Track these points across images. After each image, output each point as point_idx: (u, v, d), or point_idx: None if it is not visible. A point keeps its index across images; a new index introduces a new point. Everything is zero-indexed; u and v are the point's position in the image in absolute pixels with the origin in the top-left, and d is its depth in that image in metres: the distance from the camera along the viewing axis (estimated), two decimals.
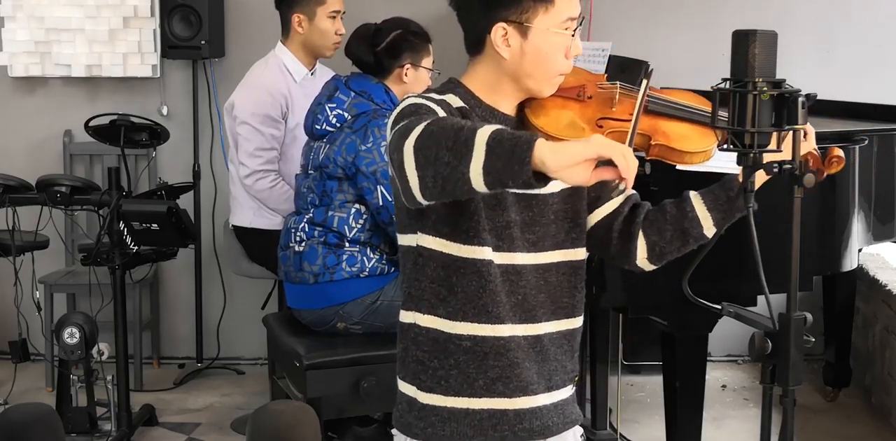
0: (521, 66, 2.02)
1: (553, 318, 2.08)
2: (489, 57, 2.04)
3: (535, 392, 2.06)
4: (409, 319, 2.07)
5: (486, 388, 2.03)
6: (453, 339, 2.02)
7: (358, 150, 3.29)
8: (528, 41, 2.00)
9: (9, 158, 4.98)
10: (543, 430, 2.08)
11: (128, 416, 3.99)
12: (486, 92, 2.06)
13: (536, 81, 2.04)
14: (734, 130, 1.99)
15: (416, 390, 2.06)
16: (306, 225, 3.39)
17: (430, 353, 2.03)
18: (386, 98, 3.42)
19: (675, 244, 2.15)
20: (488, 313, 2.01)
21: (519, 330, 2.04)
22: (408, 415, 2.08)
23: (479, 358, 2.02)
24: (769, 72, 1.97)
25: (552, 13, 2.00)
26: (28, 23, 4.91)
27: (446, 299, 2.01)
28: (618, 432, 3.87)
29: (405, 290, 2.08)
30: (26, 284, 4.22)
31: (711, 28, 4.79)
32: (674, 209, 2.15)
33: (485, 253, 1.99)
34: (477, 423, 2.04)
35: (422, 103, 1.94)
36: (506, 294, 2.02)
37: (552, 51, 2.01)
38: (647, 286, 3.01)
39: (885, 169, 3.59)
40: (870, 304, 4.53)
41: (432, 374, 2.04)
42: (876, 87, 4.78)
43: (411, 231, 2.03)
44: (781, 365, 1.99)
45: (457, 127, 1.71)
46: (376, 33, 3.49)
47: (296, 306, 3.50)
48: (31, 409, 2.94)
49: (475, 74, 2.07)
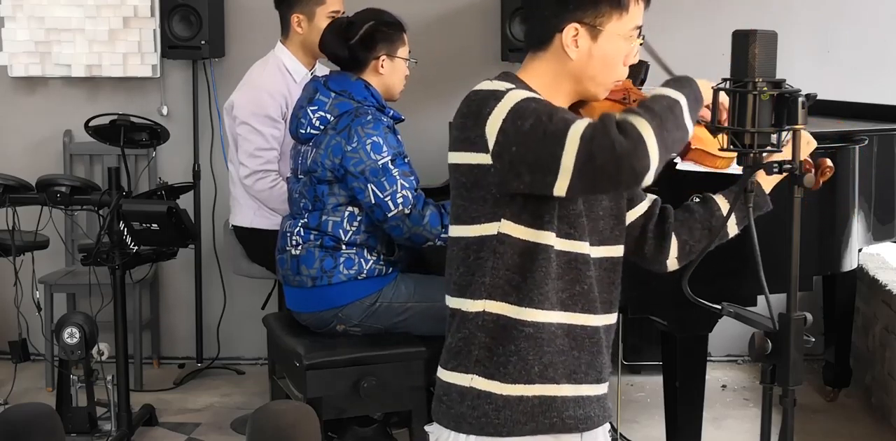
0: (585, 69, 2.07)
1: (604, 311, 2.13)
2: (554, 55, 2.08)
3: (583, 382, 2.09)
4: (476, 308, 2.07)
5: (539, 374, 2.05)
6: (518, 324, 2.04)
7: (344, 151, 3.27)
8: (597, 44, 2.06)
9: (9, 158, 4.98)
10: (587, 419, 2.11)
11: (128, 416, 3.99)
12: (543, 89, 2.09)
13: (597, 84, 2.10)
14: (734, 130, 1.99)
15: (473, 378, 2.07)
16: (301, 229, 3.38)
17: (496, 339, 2.06)
18: (367, 94, 3.38)
19: (702, 243, 2.25)
20: (549, 300, 2.04)
21: (578, 319, 2.08)
22: (459, 405, 2.08)
23: (537, 344, 2.05)
24: (769, 72, 1.97)
25: (624, 20, 2.06)
26: (28, 23, 4.91)
27: (519, 286, 2.04)
28: (618, 432, 3.87)
29: (473, 281, 2.07)
30: (26, 284, 4.22)
31: (711, 28, 4.79)
32: (700, 209, 2.26)
33: (550, 238, 2.03)
34: (529, 410, 2.06)
35: (534, 95, 2.01)
36: (570, 282, 2.06)
37: (617, 56, 2.08)
38: (647, 286, 3.01)
39: (885, 169, 3.59)
40: (870, 304, 4.53)
41: (496, 361, 2.06)
42: (876, 87, 4.78)
43: (493, 219, 2.04)
44: (781, 365, 1.99)
45: (663, 108, 1.93)
46: (349, 27, 3.44)
47: (295, 309, 3.50)
48: (31, 409, 2.94)
49: (534, 70, 2.11)
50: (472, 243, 2.07)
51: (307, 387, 3.30)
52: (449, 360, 2.12)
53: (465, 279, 2.09)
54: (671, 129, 1.90)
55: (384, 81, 3.46)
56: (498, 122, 1.96)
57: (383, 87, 3.46)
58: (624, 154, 1.85)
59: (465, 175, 2.05)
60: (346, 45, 3.42)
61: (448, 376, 2.12)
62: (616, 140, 1.85)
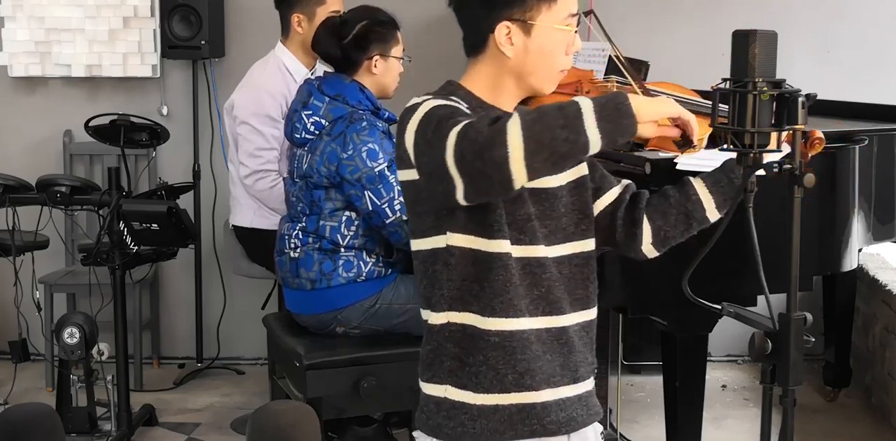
0: (524, 64, 2.05)
1: (572, 309, 2.10)
2: (491, 56, 2.06)
3: (560, 384, 2.08)
4: (440, 320, 2.06)
5: (514, 382, 2.04)
6: (484, 334, 2.03)
7: (339, 158, 3.26)
8: (531, 39, 2.03)
9: (9, 158, 4.98)
10: (570, 421, 2.09)
11: (128, 416, 3.99)
12: (487, 92, 2.08)
13: (539, 79, 2.07)
14: (734, 130, 1.99)
15: (447, 389, 2.06)
16: (300, 232, 3.38)
17: (465, 349, 2.04)
18: (361, 97, 3.36)
19: (679, 228, 2.20)
20: (514, 307, 2.02)
21: (544, 322, 2.06)
22: (436, 416, 2.08)
23: (507, 353, 2.03)
24: (769, 72, 1.97)
25: (554, 10, 2.03)
26: (28, 23, 4.91)
27: (478, 295, 2.02)
28: (618, 432, 3.87)
29: (433, 293, 2.06)
30: (26, 284, 4.22)
31: (711, 28, 4.79)
32: (676, 193, 2.20)
33: (505, 246, 2.01)
34: (507, 419, 2.04)
35: (444, 103, 1.96)
36: (528, 287, 2.04)
37: (555, 48, 2.05)
38: (647, 286, 3.00)
39: (885, 169, 3.58)
40: (870, 304, 4.53)
41: (467, 371, 2.04)
42: (876, 87, 4.78)
43: (438, 232, 2.03)
44: (781, 365, 1.99)
45: (553, 108, 1.81)
46: (342, 26, 3.41)
47: (295, 311, 3.50)
48: (31, 409, 2.94)
49: (476, 75, 2.09)
50: (427, 257, 2.06)
51: (307, 387, 3.30)
52: (424, 371, 2.11)
53: (428, 291, 2.08)
54: (552, 126, 1.79)
55: (378, 81, 3.45)
56: (412, 135, 1.95)
57: (377, 86, 3.45)
58: (484, 145, 1.80)
59: (406, 191, 2.05)
60: (339, 45, 3.40)
61: (424, 387, 2.11)
62: (480, 131, 1.81)
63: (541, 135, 1.79)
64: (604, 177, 2.22)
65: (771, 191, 2.29)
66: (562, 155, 1.81)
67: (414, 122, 1.95)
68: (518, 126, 1.79)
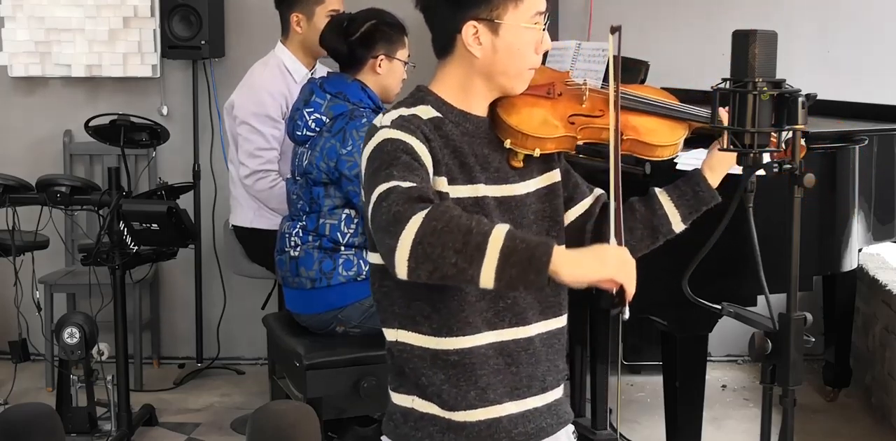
0: (493, 64, 2.02)
1: (542, 318, 2.07)
2: (460, 57, 2.04)
3: (527, 395, 2.06)
4: (391, 337, 2.04)
5: (478, 397, 2.01)
6: (440, 354, 1.99)
7: (339, 154, 3.27)
8: (499, 38, 2.01)
9: (9, 158, 4.98)
10: (539, 432, 2.08)
11: (128, 416, 3.99)
12: (456, 95, 2.05)
13: (509, 78, 2.05)
14: (734, 130, 1.99)
15: (414, 400, 2.04)
16: (300, 231, 3.38)
17: (421, 368, 2.01)
18: (362, 96, 3.37)
19: (644, 242, 2.18)
20: (470, 325, 1.98)
21: (509, 334, 2.03)
22: (403, 426, 2.06)
23: (467, 370, 1.99)
24: (769, 72, 1.98)
25: (521, 9, 2.01)
26: (28, 23, 4.91)
27: (430, 316, 1.98)
28: (618, 432, 3.87)
29: (384, 309, 2.04)
30: (26, 284, 4.22)
31: (711, 28, 4.79)
32: (642, 208, 2.18)
33: None
34: (475, 434, 2.02)
35: (398, 140, 1.92)
36: (493, 299, 2.00)
37: (523, 46, 2.03)
38: (646, 286, 3.00)
39: (885, 169, 3.58)
40: (870, 304, 4.53)
41: (430, 390, 2.01)
42: (876, 87, 4.78)
43: None
44: (781, 365, 2.00)
45: (464, 228, 1.72)
46: (350, 23, 3.44)
47: (294, 310, 3.50)
48: (31, 409, 2.94)
49: (444, 78, 2.07)
50: (378, 270, 2.01)
51: (307, 387, 3.30)
52: (392, 381, 2.09)
53: (380, 306, 2.05)
54: (448, 245, 1.71)
55: (381, 82, 3.46)
56: (364, 162, 1.95)
57: (380, 88, 3.45)
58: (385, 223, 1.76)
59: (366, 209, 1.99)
60: (346, 42, 3.42)
61: (393, 396, 2.09)
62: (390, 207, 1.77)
63: (432, 248, 1.72)
64: (577, 186, 2.19)
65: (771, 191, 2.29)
66: (444, 275, 1.74)
67: (367, 150, 1.95)
68: (416, 228, 1.73)
